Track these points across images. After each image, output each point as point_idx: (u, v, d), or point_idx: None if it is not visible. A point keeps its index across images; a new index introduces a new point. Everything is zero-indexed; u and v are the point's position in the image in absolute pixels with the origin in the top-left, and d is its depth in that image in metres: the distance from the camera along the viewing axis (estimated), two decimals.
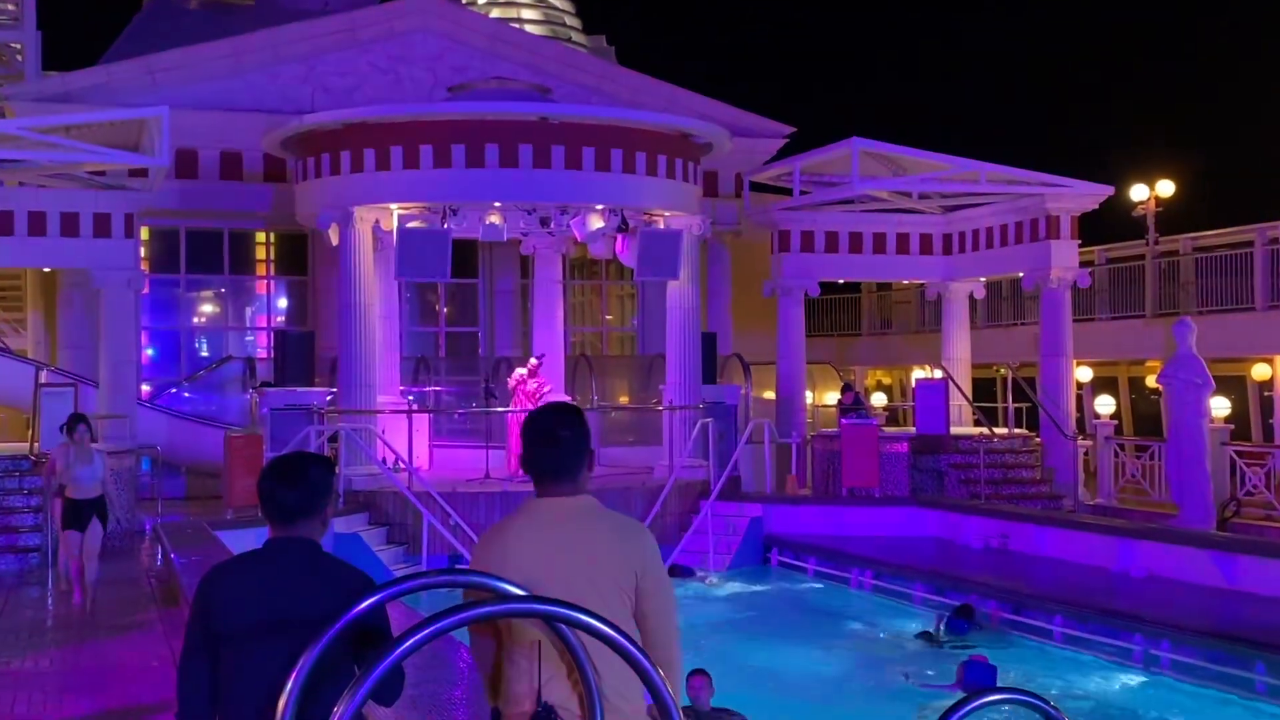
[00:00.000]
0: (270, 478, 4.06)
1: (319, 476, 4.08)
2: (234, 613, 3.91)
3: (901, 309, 33.44)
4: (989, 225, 24.65)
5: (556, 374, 24.07)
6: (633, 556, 3.79)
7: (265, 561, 4.01)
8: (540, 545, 3.77)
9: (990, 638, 14.40)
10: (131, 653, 11.17)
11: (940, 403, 22.49)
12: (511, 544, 3.79)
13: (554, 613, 2.93)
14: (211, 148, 24.16)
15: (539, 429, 3.91)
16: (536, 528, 3.82)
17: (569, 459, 3.89)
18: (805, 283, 25.00)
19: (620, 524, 3.88)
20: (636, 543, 3.82)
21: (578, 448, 3.91)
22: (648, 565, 3.80)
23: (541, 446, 3.89)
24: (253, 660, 3.86)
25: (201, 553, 13.78)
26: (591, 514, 3.85)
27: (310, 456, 4.25)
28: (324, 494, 4.07)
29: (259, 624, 3.87)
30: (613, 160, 20.18)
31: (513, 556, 3.73)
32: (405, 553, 19.26)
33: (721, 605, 17.56)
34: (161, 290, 25.71)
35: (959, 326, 25.98)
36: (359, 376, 20.43)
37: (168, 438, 21.72)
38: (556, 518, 3.83)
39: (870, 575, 17.74)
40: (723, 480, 20.54)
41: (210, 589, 4.01)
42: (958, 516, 19.50)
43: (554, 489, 3.87)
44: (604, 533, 3.80)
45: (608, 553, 3.76)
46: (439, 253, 19.47)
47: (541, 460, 3.88)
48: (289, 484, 4.03)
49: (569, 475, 3.88)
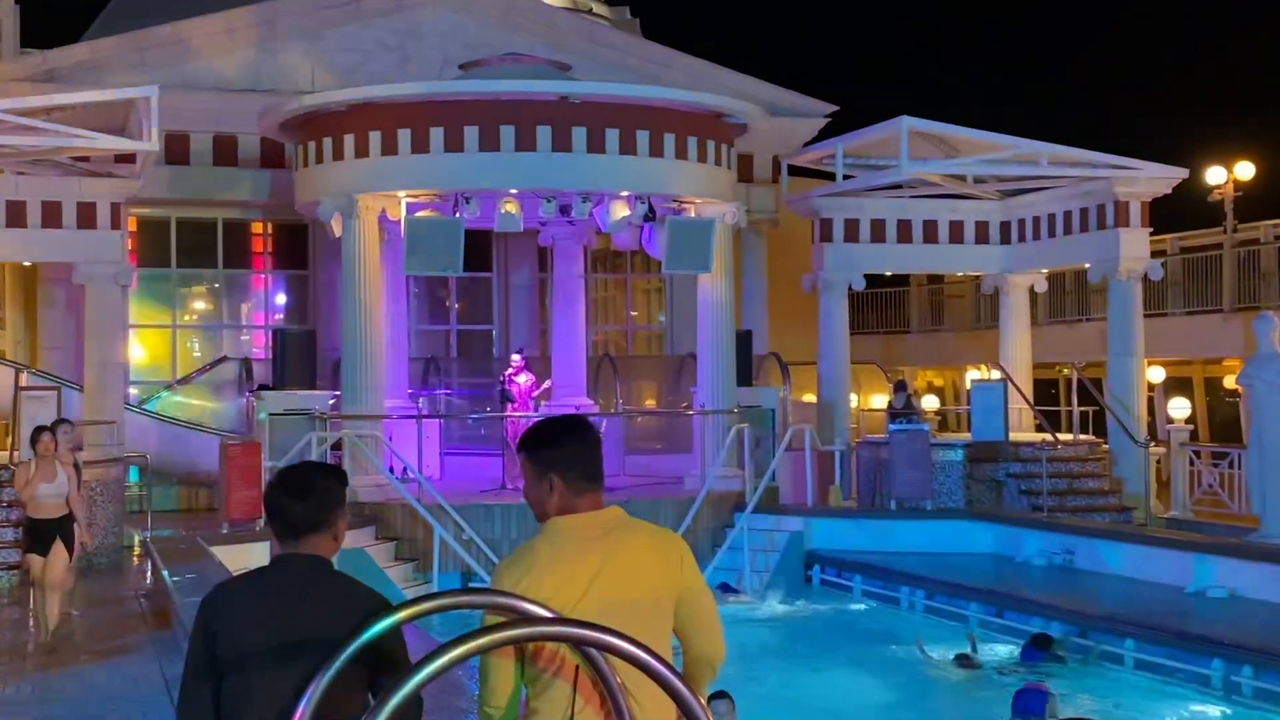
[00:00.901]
0: (278, 490, 4.10)
1: (330, 488, 4.11)
2: (239, 635, 3.94)
3: (955, 304, 33.33)
4: (1051, 212, 24.54)
5: (577, 376, 24.12)
6: (673, 571, 3.88)
7: (273, 580, 4.04)
8: (581, 560, 3.82)
9: (1070, 669, 14.18)
10: (120, 679, 11.23)
11: (998, 406, 22.41)
12: (546, 565, 3.82)
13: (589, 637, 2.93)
14: (204, 131, 24.25)
15: (579, 432, 4.04)
16: (574, 545, 3.86)
17: (600, 468, 4.01)
18: (849, 275, 24.94)
19: (657, 535, 3.97)
20: (673, 552, 3.93)
21: (600, 456, 4.04)
22: (688, 578, 3.92)
23: (585, 446, 4.04)
24: (260, 686, 3.88)
25: (196, 570, 13.85)
26: (625, 526, 3.92)
27: (320, 467, 4.29)
28: (335, 507, 4.11)
29: (266, 647, 3.89)
30: (638, 142, 20.20)
31: (549, 581, 3.75)
32: (415, 570, 19.32)
33: (758, 627, 17.53)
34: (150, 285, 25.83)
35: (1018, 323, 25.87)
36: (364, 379, 20.49)
37: (158, 445, 21.82)
38: (588, 534, 3.87)
39: (921, 595, 17.70)
40: (759, 491, 20.53)
41: (213, 609, 4.03)
42: (1018, 530, 19.43)
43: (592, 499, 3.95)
44: (641, 544, 3.88)
45: (649, 565, 3.85)
46: (450, 244, 19.51)
47: (591, 463, 4.02)
48: (297, 496, 4.06)
49: (602, 480, 4.02)
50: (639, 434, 24.90)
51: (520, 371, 21.11)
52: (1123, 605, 15.54)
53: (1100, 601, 15.85)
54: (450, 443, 23.72)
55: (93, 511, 17.32)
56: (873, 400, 29.07)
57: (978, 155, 22.94)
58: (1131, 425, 22.46)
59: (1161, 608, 15.18)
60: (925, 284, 33.91)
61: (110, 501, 18.16)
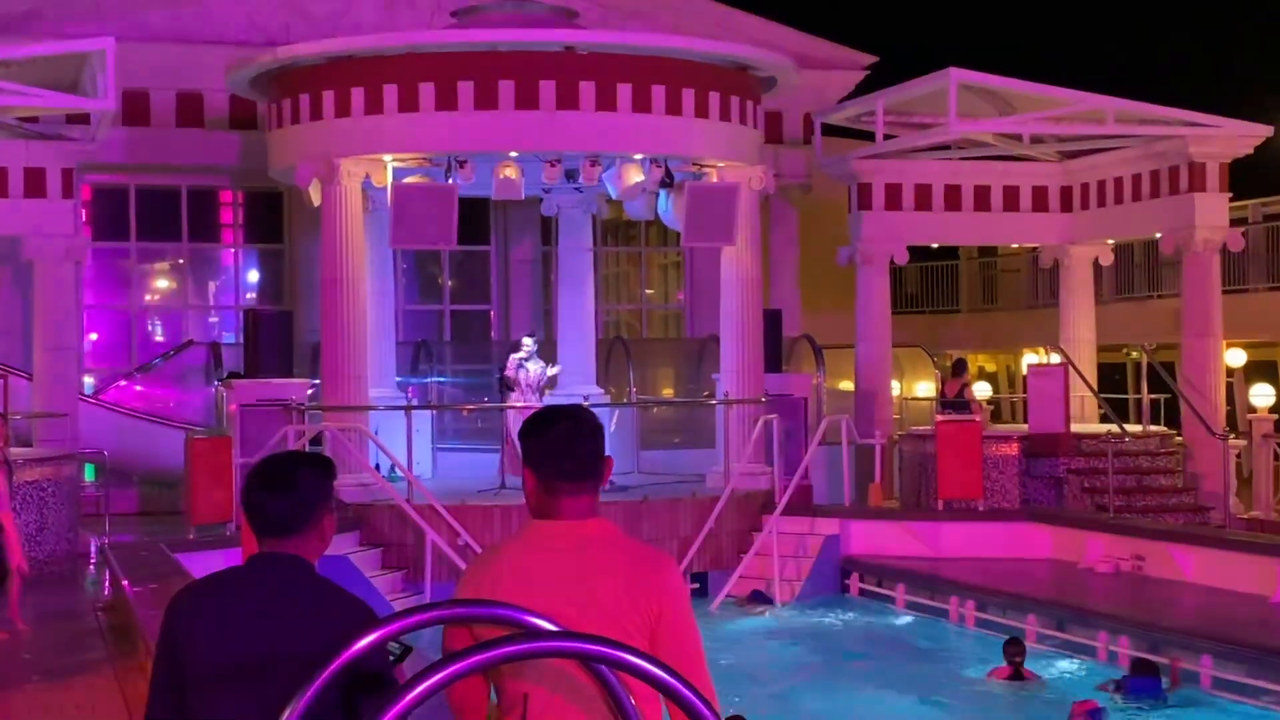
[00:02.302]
0: (255, 483, 4.09)
1: (314, 482, 4.10)
2: (204, 646, 3.93)
3: (1009, 279, 33.26)
4: (1118, 175, 24.47)
5: (585, 361, 24.13)
6: (645, 598, 3.80)
7: (245, 583, 4.03)
8: (536, 576, 3.81)
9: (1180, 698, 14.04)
10: (76, 701, 11.27)
11: (1058, 394, 22.37)
12: (506, 575, 3.84)
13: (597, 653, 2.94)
14: (166, 88, 24.28)
15: (565, 424, 3.99)
16: (535, 554, 3.87)
17: (593, 458, 3.96)
18: (891, 247, 24.89)
19: (638, 557, 3.89)
20: (652, 581, 3.83)
21: (601, 448, 3.99)
22: (664, 608, 3.81)
23: (566, 441, 3.98)
24: (227, 708, 3.88)
25: (159, 580, 13.90)
26: (605, 544, 3.88)
27: (303, 457, 4.28)
28: (320, 503, 4.09)
29: (235, 663, 3.88)
30: (654, 99, 20.17)
31: (504, 588, 3.76)
32: (404, 579, 19.36)
33: (788, 643, 17.57)
34: (107, 261, 25.90)
35: (1081, 300, 25.82)
36: (347, 366, 20.52)
37: (116, 440, 21.87)
38: (560, 544, 3.86)
39: (973, 606, 17.70)
40: (790, 490, 20.53)
41: (176, 615, 4.02)
42: (1080, 534, 19.41)
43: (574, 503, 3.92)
44: (616, 568, 3.83)
45: (614, 592, 3.79)
46: (443, 214, 19.51)
47: (565, 460, 3.95)
48: (276, 491, 4.05)
49: (593, 481, 3.95)
50: (655, 426, 24.91)
51: (532, 358, 21.10)
52: (1198, 618, 15.51)
53: (1173, 614, 15.83)
54: (443, 437, 23.75)
55: (43, 515, 17.39)
56: (917, 388, 29.05)
57: (1035, 112, 22.88)
58: (1208, 415, 22.41)
59: (1242, 620, 15.14)
60: (976, 257, 33.84)
61: (63, 503, 18.19)
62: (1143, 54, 50.19)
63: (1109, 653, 15.41)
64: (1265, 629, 14.69)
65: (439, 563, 18.99)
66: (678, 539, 19.84)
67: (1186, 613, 15.94)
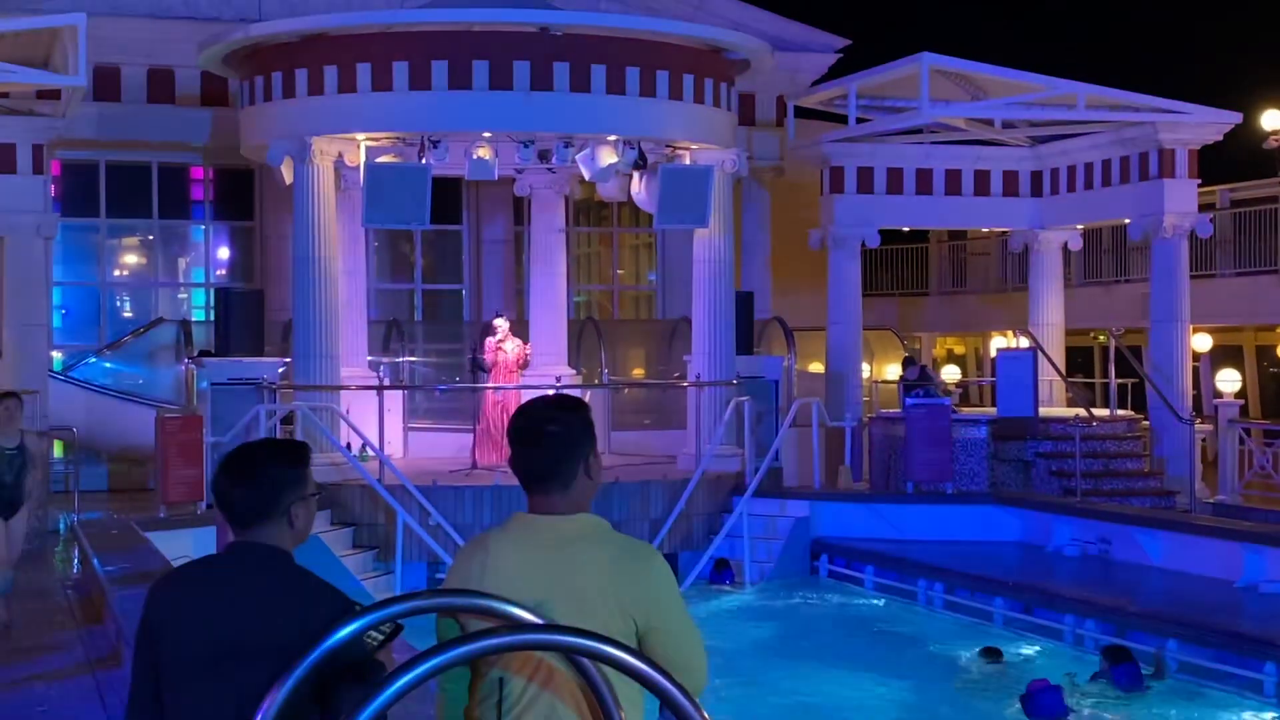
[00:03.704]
0: (221, 473, 4.08)
1: (277, 472, 4.07)
2: (184, 636, 3.91)
3: (979, 263, 33.33)
4: (1088, 161, 24.54)
5: (557, 342, 24.10)
6: (632, 594, 3.78)
7: (224, 572, 4.02)
8: (522, 570, 3.80)
9: (1166, 686, 14.01)
10: (46, 682, 11.22)
11: (1027, 378, 22.45)
12: (491, 564, 3.84)
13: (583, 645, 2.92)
14: (138, 64, 24.13)
15: (522, 424, 3.96)
16: (521, 548, 3.86)
17: (556, 463, 3.92)
18: (862, 231, 24.92)
19: (623, 551, 3.87)
20: (639, 576, 3.82)
21: (570, 449, 3.92)
22: (653, 603, 3.80)
23: (523, 445, 3.94)
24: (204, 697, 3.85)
25: (130, 559, 13.84)
26: (590, 540, 3.87)
27: (269, 446, 4.24)
28: (286, 492, 4.06)
29: (213, 652, 3.86)
30: (627, 80, 20.13)
31: (490, 579, 3.77)
32: (375, 559, 19.35)
33: (757, 624, 17.59)
34: (77, 237, 25.74)
35: (1050, 284, 25.92)
36: (318, 344, 20.45)
37: (86, 417, 21.78)
38: (545, 540, 3.86)
39: (941, 588, 17.76)
40: (761, 472, 20.55)
41: (156, 606, 4.02)
42: (1048, 517, 19.49)
43: (543, 501, 3.91)
44: (601, 564, 3.81)
45: (600, 589, 3.77)
46: (416, 193, 19.44)
47: (524, 462, 3.94)
48: (244, 481, 4.03)
49: (559, 484, 3.90)
50: (627, 407, 24.91)
51: (508, 338, 21.05)
52: (1165, 601, 15.60)
53: (1139, 597, 15.92)
54: (415, 417, 23.70)
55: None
56: (887, 371, 29.11)
57: (1007, 97, 22.92)
58: (1175, 399, 22.51)
59: (1208, 604, 15.23)
60: (946, 240, 33.90)
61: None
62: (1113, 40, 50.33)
63: (1075, 635, 15.48)
64: (1231, 613, 14.78)
65: (410, 542, 18.95)
66: (649, 520, 19.85)
67: (1153, 596, 16.02)
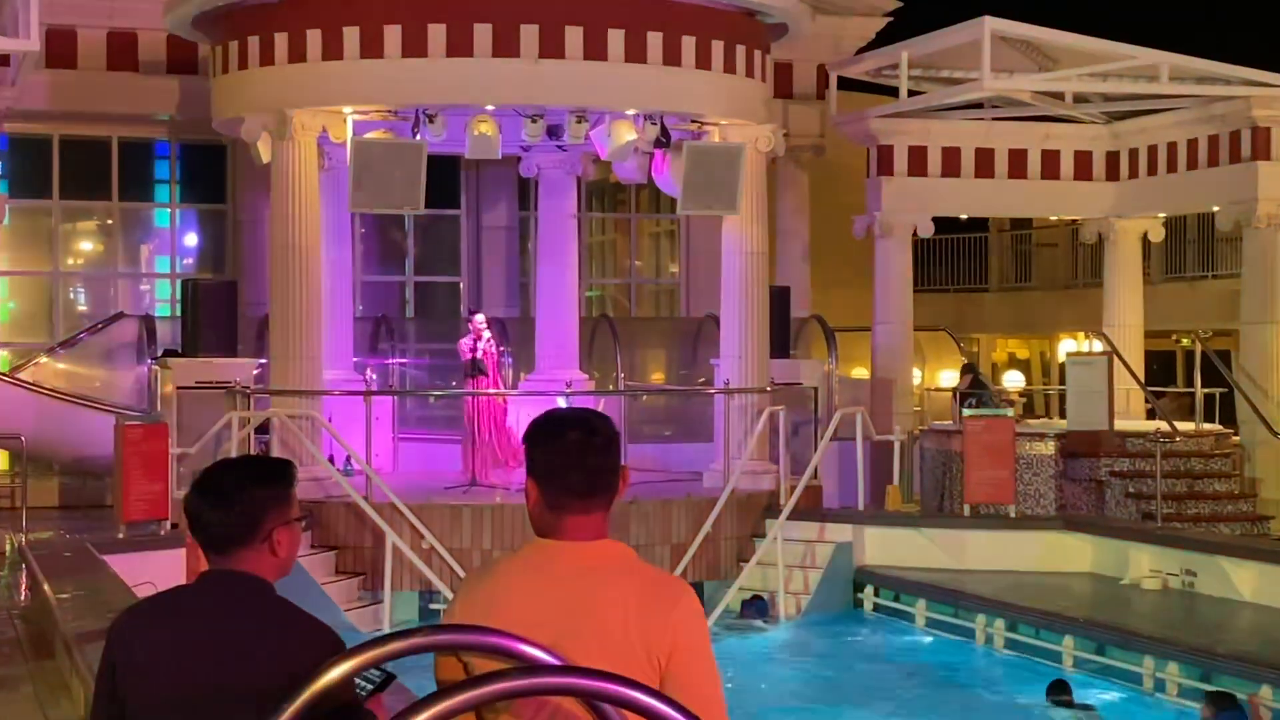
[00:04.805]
0: (193, 494, 4.10)
1: (255, 492, 4.08)
2: (151, 678, 3.93)
3: (1046, 255, 33.31)
4: (1171, 140, 24.49)
5: (567, 342, 24.09)
6: (657, 632, 3.78)
7: (193, 604, 4.04)
8: (535, 603, 3.80)
9: None
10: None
11: (1100, 386, 22.39)
12: (501, 595, 3.84)
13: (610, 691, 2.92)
14: (96, 26, 24.19)
15: (575, 431, 3.95)
16: (535, 577, 3.86)
17: (613, 474, 3.94)
18: (913, 218, 24.90)
19: (650, 584, 3.87)
20: (666, 613, 3.81)
21: (618, 459, 3.97)
22: (679, 644, 3.80)
23: (582, 454, 3.93)
24: None
25: (85, 585, 13.84)
26: (615, 570, 3.87)
27: (245, 464, 4.28)
28: (266, 514, 4.07)
29: (184, 695, 3.88)
30: (648, 46, 20.14)
31: (499, 613, 3.75)
32: (360, 586, 19.35)
33: (792, 664, 17.58)
34: (26, 221, 25.82)
35: (1127, 280, 25.87)
36: (297, 344, 20.47)
37: (35, 424, 21.82)
38: (563, 569, 3.86)
39: (1002, 626, 17.71)
40: (798, 492, 20.54)
41: (118, 639, 4.04)
42: (1124, 544, 19.41)
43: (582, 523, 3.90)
44: (628, 597, 3.81)
45: (622, 623, 3.78)
46: (408, 174, 19.46)
47: (577, 474, 3.91)
48: (218, 503, 4.05)
49: (606, 500, 3.93)
50: (645, 417, 24.90)
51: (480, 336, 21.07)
52: (1257, 642, 15.51)
53: (1228, 637, 15.83)
54: (406, 426, 23.73)
55: None
56: (940, 377, 29.08)
57: (1079, 67, 22.86)
58: (1269, 411, 22.44)
59: None
60: (1009, 229, 33.85)
61: None
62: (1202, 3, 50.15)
63: (1155, 680, 15.42)
64: None
65: (401, 567, 18.96)
66: (670, 545, 19.84)
67: (1244, 636, 15.94)
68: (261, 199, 22.72)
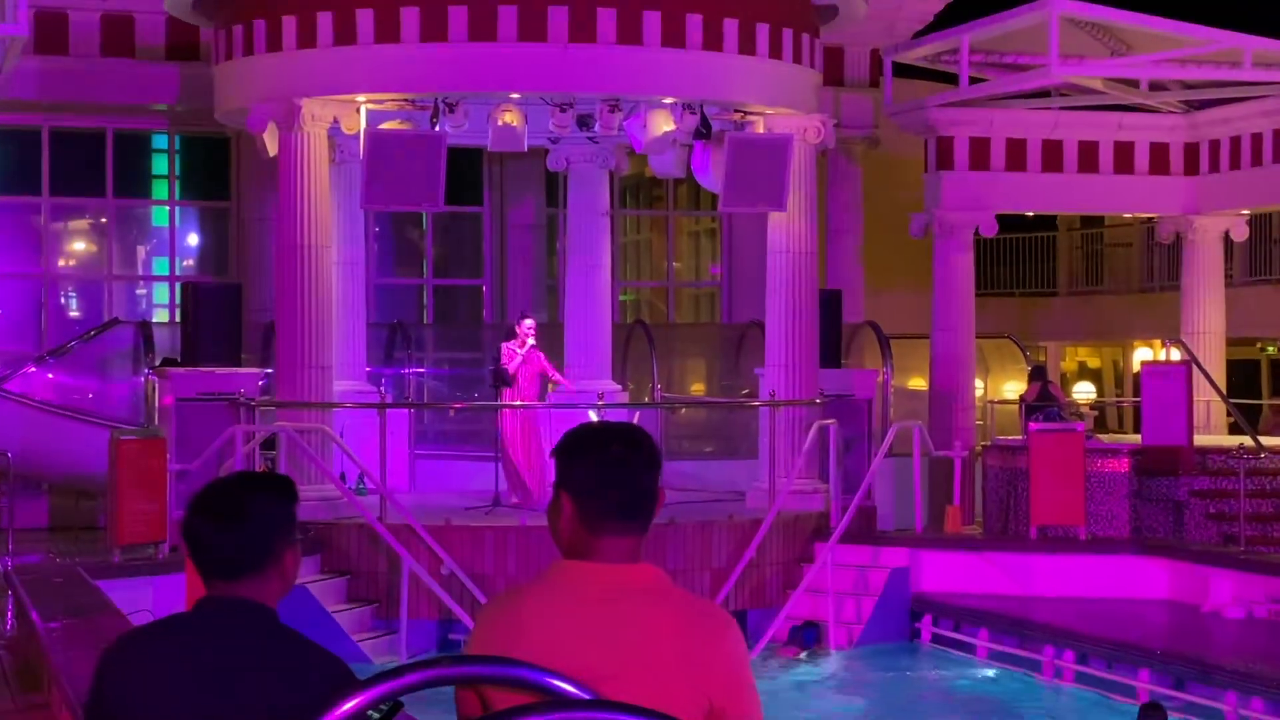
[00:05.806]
0: (196, 514, 4.07)
1: (267, 510, 4.07)
2: (144, 713, 3.91)
3: (1120, 256, 33.21)
4: (1255, 131, 24.39)
5: (599, 349, 24.09)
6: (700, 666, 3.75)
7: (191, 634, 4.01)
8: (567, 631, 3.78)
9: None
10: None
11: (1179, 398, 22.29)
12: (525, 626, 3.80)
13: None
14: (89, 9, 24.28)
15: (617, 445, 3.92)
16: (567, 603, 3.83)
17: (654, 489, 3.91)
18: (975, 216, 24.84)
19: (691, 615, 3.84)
20: (708, 646, 3.79)
21: (658, 475, 3.94)
22: (722, 680, 3.77)
23: (624, 468, 3.89)
24: None
25: (76, 613, 13.85)
26: (654, 594, 3.84)
27: (253, 481, 4.27)
28: (278, 536, 4.07)
29: None
30: (688, 30, 20.13)
31: (526, 642, 3.73)
32: (375, 615, 19.35)
33: (845, 699, 17.53)
34: (13, 219, 25.91)
35: (1207, 283, 25.76)
36: (307, 352, 20.50)
37: (22, 438, 21.87)
38: (597, 593, 3.82)
39: (1071, 657, 17.65)
40: (850, 513, 20.48)
41: (109, 671, 4.02)
42: (1204, 570, 19.35)
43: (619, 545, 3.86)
44: (671, 625, 3.79)
45: (660, 655, 3.74)
46: (427, 168, 19.49)
47: (618, 489, 3.87)
48: (222, 524, 4.03)
49: (647, 518, 3.90)
50: (683, 431, 24.91)
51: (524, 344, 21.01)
52: None
53: None
54: (424, 441, 23.74)
55: None
56: (1005, 388, 28.98)
57: (1155, 52, 22.78)
58: None
59: None
60: (1079, 228, 33.76)
61: None
62: None
63: (1239, 718, 15.34)
64: None
65: (418, 595, 18.95)
66: (710, 570, 19.80)
67: None
68: (268, 195, 22.77)
